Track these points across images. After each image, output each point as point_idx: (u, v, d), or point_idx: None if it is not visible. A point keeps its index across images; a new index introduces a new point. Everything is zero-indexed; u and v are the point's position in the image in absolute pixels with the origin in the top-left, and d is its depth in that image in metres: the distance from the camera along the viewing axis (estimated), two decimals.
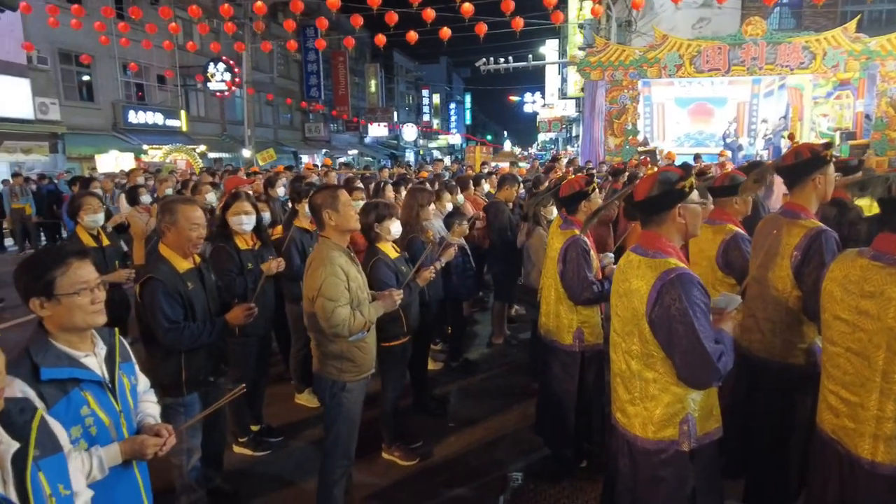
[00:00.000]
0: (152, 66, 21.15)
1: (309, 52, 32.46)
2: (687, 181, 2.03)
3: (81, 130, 18.10)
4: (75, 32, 14.54)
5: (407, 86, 51.39)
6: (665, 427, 2.06)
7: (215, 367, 3.05)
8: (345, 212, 2.75)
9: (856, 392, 1.90)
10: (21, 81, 15.80)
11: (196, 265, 2.96)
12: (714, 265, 3.21)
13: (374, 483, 3.55)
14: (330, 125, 36.79)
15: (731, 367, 1.98)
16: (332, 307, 2.62)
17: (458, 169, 13.49)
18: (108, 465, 1.82)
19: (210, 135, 25.49)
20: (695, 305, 1.92)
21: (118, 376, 1.95)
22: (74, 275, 1.79)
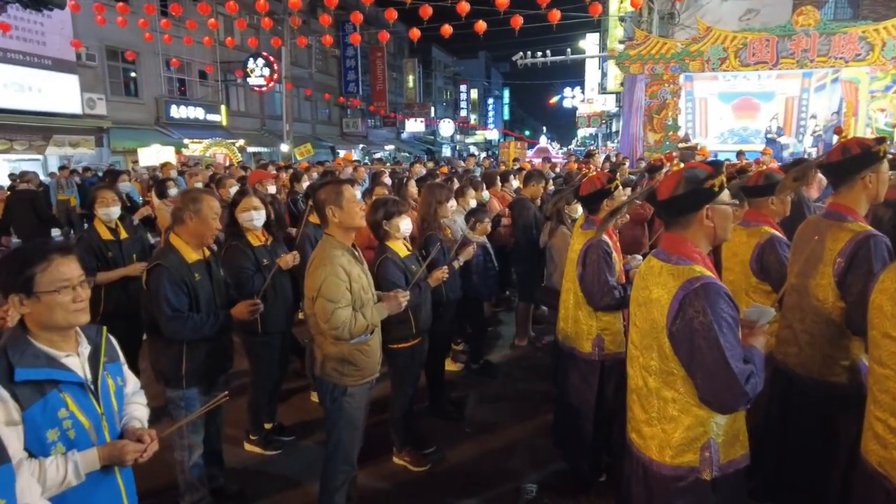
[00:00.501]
0: (194, 61, 21.63)
1: (347, 48, 32.67)
2: (717, 179, 1.82)
3: (126, 125, 18.65)
4: (121, 30, 14.91)
5: (445, 81, 51.24)
6: (684, 452, 1.86)
7: (219, 362, 3.00)
8: (349, 208, 2.63)
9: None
10: (70, 78, 16.37)
11: (205, 258, 2.92)
12: (748, 271, 2.96)
13: (381, 488, 3.44)
14: (367, 120, 37.01)
15: (760, 388, 1.76)
16: (332, 308, 2.50)
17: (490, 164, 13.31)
18: (85, 470, 1.74)
19: (249, 129, 25.95)
20: (721, 319, 1.71)
21: (102, 377, 1.87)
22: (56, 272, 1.72)
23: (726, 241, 1.97)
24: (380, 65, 35.64)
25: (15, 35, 14.07)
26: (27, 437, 1.67)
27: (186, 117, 21.55)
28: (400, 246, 3.46)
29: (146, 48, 18.45)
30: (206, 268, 2.89)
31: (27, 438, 1.67)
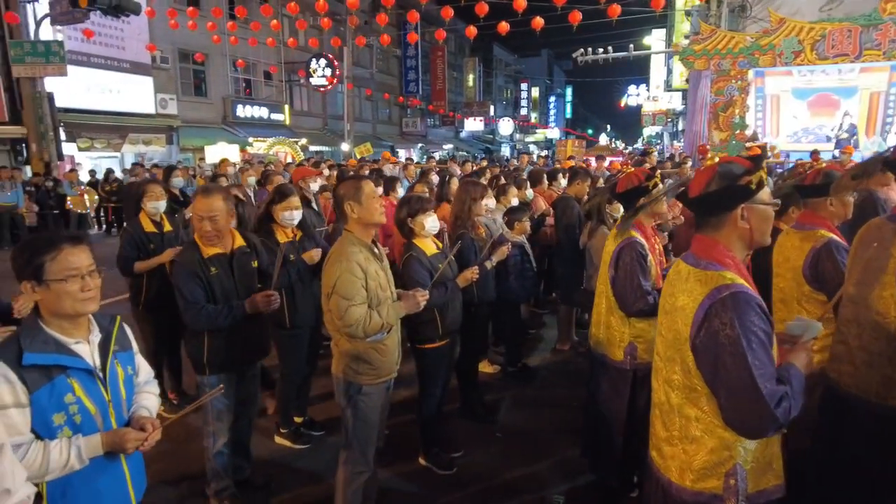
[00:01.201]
0: (259, 62, 22.42)
1: (408, 48, 33.04)
2: (754, 175, 1.63)
3: (194, 124, 19.57)
4: (192, 33, 15.67)
5: (505, 79, 50.88)
6: (707, 477, 1.69)
7: (245, 353, 3.03)
8: (368, 204, 2.59)
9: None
10: (145, 80, 17.34)
11: (230, 252, 2.95)
12: (800, 278, 2.70)
13: (403, 489, 3.39)
14: (427, 120, 37.28)
15: (796, 413, 1.56)
16: (346, 306, 2.46)
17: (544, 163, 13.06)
18: (88, 455, 1.77)
19: (312, 128, 26.66)
20: (750, 333, 1.53)
21: (111, 365, 1.90)
22: (65, 261, 1.76)
23: (764, 245, 1.77)
24: (440, 64, 35.80)
25: (98, 41, 15.03)
26: (34, 419, 1.71)
27: (251, 116, 22.38)
28: (427, 244, 3.38)
29: (215, 50, 19.28)
30: (228, 261, 2.93)
31: (34, 421, 1.71)
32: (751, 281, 1.68)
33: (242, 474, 3.27)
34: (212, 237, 2.90)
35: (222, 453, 3.02)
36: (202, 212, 2.85)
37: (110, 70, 16.13)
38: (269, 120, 23.31)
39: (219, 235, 2.92)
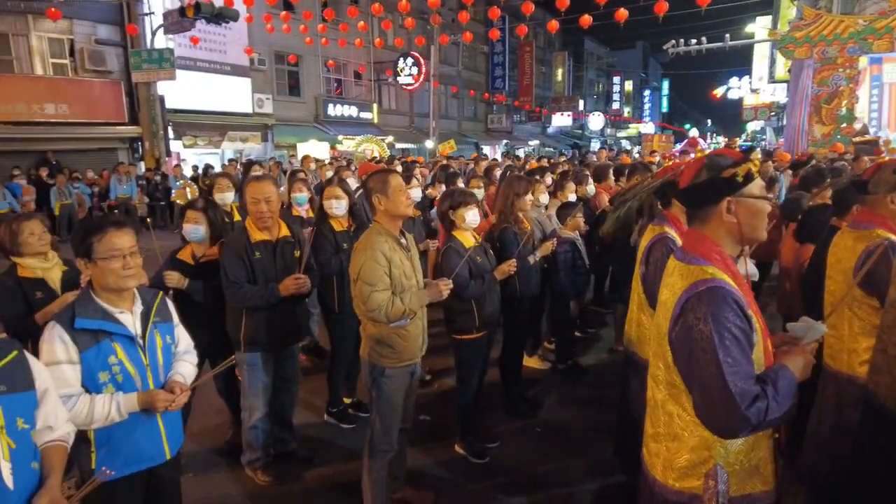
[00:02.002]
0: (350, 62, 23.32)
1: (495, 44, 33.03)
2: (741, 167, 1.58)
3: (288, 122, 20.74)
4: (286, 36, 16.64)
5: (597, 73, 49.43)
6: (688, 476, 1.65)
7: (283, 333, 3.26)
8: (395, 197, 2.70)
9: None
10: (244, 81, 18.63)
11: (276, 239, 3.19)
12: (851, 281, 2.51)
13: (436, 473, 3.50)
14: (513, 116, 37.08)
15: (774, 416, 1.49)
16: (369, 291, 2.60)
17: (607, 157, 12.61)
18: (126, 410, 2.03)
19: (399, 126, 27.37)
20: (723, 329, 1.48)
21: (150, 333, 2.16)
22: (109, 242, 2.02)
23: (758, 240, 1.69)
24: (528, 59, 35.44)
25: (203, 46, 16.35)
26: (84, 375, 2.00)
27: (341, 115, 23.35)
28: (466, 237, 3.47)
29: (308, 51, 20.31)
30: (272, 248, 3.16)
31: (84, 377, 2.00)
32: (740, 278, 1.62)
33: (286, 446, 3.52)
34: (266, 219, 3.15)
35: (256, 427, 3.27)
36: (258, 195, 3.11)
37: (213, 73, 17.50)
38: (358, 118, 24.21)
39: (272, 217, 3.17)
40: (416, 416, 4.23)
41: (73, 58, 14.96)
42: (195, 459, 3.70)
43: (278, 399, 3.35)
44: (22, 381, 1.60)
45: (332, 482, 3.41)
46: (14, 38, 14.31)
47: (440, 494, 3.29)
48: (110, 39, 15.26)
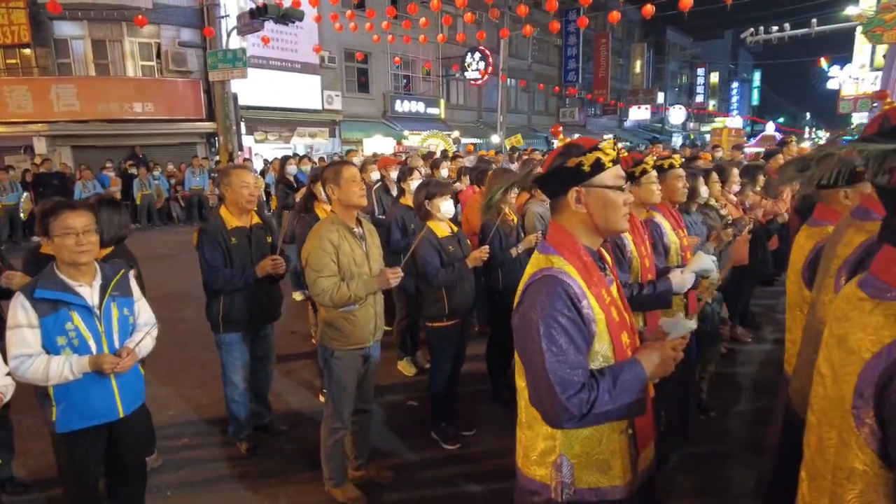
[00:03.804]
0: (418, 59, 23.68)
1: (569, 36, 32.35)
2: (587, 157, 1.58)
3: (355, 118, 21.43)
4: (354, 34, 17.16)
5: (679, 64, 47.13)
6: (539, 465, 1.67)
7: (258, 315, 3.50)
8: (346, 187, 2.84)
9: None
10: (314, 78, 19.45)
11: (249, 225, 3.44)
12: (801, 281, 2.38)
13: (403, 455, 3.62)
14: (586, 109, 36.19)
15: (606, 410, 1.47)
16: (314, 277, 2.76)
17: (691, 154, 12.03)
18: (78, 370, 2.30)
19: (465, 121, 27.50)
20: (550, 318, 1.49)
21: (107, 305, 2.43)
22: (63, 221, 2.31)
23: (617, 232, 1.67)
24: (604, 51, 34.44)
25: (274, 46, 17.23)
26: (43, 338, 2.29)
27: (409, 111, 23.81)
28: (440, 227, 3.55)
29: (376, 49, 20.85)
30: (248, 234, 3.41)
31: (44, 340, 2.29)
32: (592, 270, 1.61)
33: (262, 420, 3.78)
34: (251, 202, 3.42)
35: (237, 402, 3.54)
36: (247, 181, 3.38)
37: (284, 71, 18.41)
38: (425, 114, 24.57)
39: (252, 203, 3.43)
40: (405, 401, 4.44)
41: (159, 60, 16.28)
42: (196, 427, 4.06)
43: (254, 377, 3.60)
44: None
45: (305, 453, 3.61)
46: (110, 43, 15.80)
47: (402, 475, 3.40)
48: (191, 42, 16.47)
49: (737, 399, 4.22)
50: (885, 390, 1.06)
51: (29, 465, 3.50)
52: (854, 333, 1.19)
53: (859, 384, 1.12)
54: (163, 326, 6.34)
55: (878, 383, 1.07)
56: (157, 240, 12.30)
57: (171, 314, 6.50)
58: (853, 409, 1.13)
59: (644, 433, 1.70)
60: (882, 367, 1.07)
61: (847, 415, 1.15)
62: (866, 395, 1.10)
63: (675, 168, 3.10)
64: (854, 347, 1.17)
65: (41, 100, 14.85)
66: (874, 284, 1.20)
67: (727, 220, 4.49)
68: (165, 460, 3.59)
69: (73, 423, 2.40)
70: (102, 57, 15.75)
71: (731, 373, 4.75)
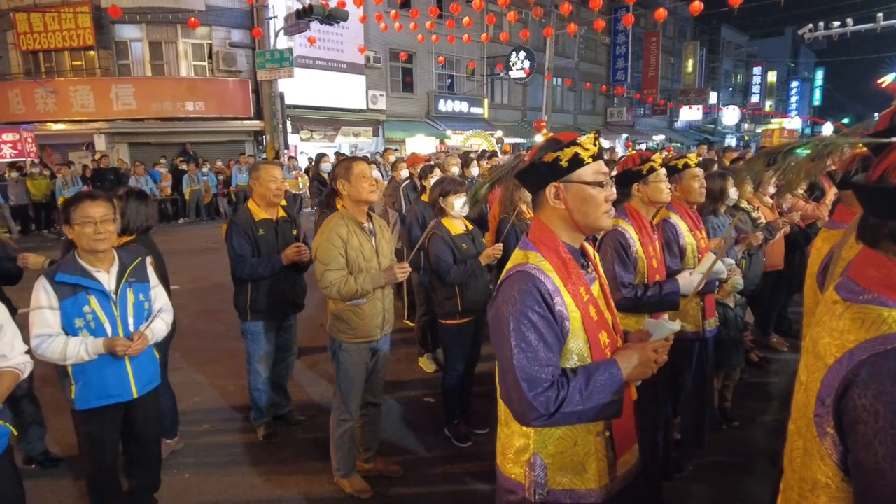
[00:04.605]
0: (462, 58, 23.70)
1: (618, 35, 31.72)
2: (564, 151, 1.55)
3: (399, 117, 21.65)
4: (399, 34, 17.35)
5: (734, 63, 45.41)
6: (514, 463, 1.65)
7: (283, 303, 3.60)
8: (356, 183, 2.89)
9: None
10: (359, 78, 19.76)
11: (276, 218, 3.55)
12: (815, 285, 2.27)
13: (414, 450, 3.65)
14: (635, 109, 35.39)
15: (577, 410, 1.44)
16: (322, 270, 2.82)
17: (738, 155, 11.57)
18: (93, 352, 2.43)
19: (509, 121, 27.35)
20: (520, 314, 1.47)
21: (123, 290, 2.56)
22: (83, 211, 2.44)
23: (597, 229, 1.63)
24: (654, 50, 33.58)
25: (320, 46, 17.60)
26: (63, 320, 2.43)
27: (452, 110, 23.86)
28: (454, 224, 3.56)
29: (420, 48, 21.02)
30: (274, 226, 3.51)
31: (63, 321, 2.43)
32: (571, 267, 1.58)
33: (281, 410, 3.88)
34: (278, 196, 3.56)
35: (259, 389, 3.65)
36: (273, 176, 3.52)
37: (330, 71, 18.78)
38: (468, 113, 24.57)
39: (279, 196, 3.56)
40: (422, 397, 4.46)
41: (211, 60, 16.91)
42: (219, 414, 4.21)
43: (275, 367, 3.71)
44: None
45: (319, 444, 3.67)
46: (165, 45, 16.53)
47: (411, 470, 3.43)
48: (241, 42, 17.02)
49: (763, 409, 4.04)
50: (842, 398, 1.01)
51: (63, 441, 3.71)
52: (823, 338, 1.14)
53: (821, 391, 1.07)
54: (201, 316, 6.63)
55: (837, 390, 1.02)
56: (203, 234, 12.79)
57: (210, 304, 6.76)
58: (815, 416, 1.08)
59: (623, 437, 1.66)
60: (843, 373, 1.02)
61: (811, 423, 1.10)
62: (827, 402, 1.05)
63: (691, 168, 3.00)
64: (821, 352, 1.12)
65: (102, 99, 15.69)
66: (848, 287, 1.15)
67: (760, 223, 4.32)
68: (187, 444, 3.73)
69: (89, 401, 2.53)
70: (158, 58, 16.49)
71: (761, 382, 4.56)
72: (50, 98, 15.80)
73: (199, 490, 3.29)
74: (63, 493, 3.27)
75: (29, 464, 3.47)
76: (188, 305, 6.76)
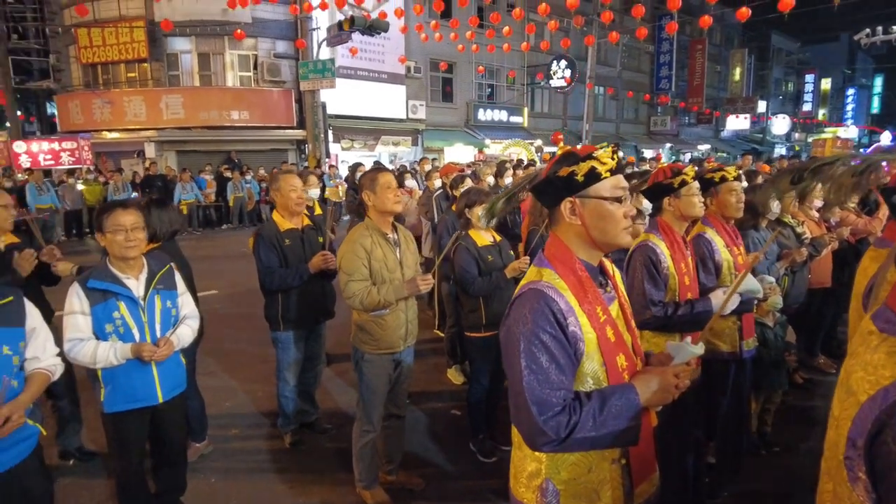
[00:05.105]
0: (503, 67, 23.68)
1: (662, 43, 31.12)
2: (580, 166, 1.49)
3: (438, 127, 21.76)
4: (439, 44, 17.49)
5: (785, 71, 43.87)
6: (526, 487, 1.60)
7: (313, 313, 3.64)
8: (381, 194, 2.88)
9: None
10: (399, 88, 19.98)
11: (301, 227, 3.58)
12: (860, 307, 2.13)
13: (439, 463, 3.61)
14: (679, 118, 34.59)
15: (590, 436, 1.38)
16: (346, 280, 2.82)
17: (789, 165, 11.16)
18: (122, 356, 2.49)
19: (549, 130, 27.09)
20: (532, 334, 1.41)
21: (151, 296, 2.62)
22: (115, 219, 2.51)
23: (617, 246, 1.56)
24: (700, 58, 32.78)
25: (362, 56, 17.90)
26: (94, 325, 2.50)
27: (491, 119, 23.83)
28: (481, 235, 3.52)
29: (461, 58, 21.09)
30: (300, 235, 3.54)
31: (94, 326, 2.50)
32: (588, 286, 1.52)
33: (308, 418, 3.90)
34: (300, 205, 3.59)
35: (287, 397, 3.68)
36: (293, 185, 3.55)
37: (371, 81, 19.04)
38: (507, 122, 24.50)
39: (301, 205, 3.59)
40: (448, 409, 4.42)
41: (256, 70, 17.40)
42: (248, 419, 4.26)
43: (303, 375, 3.73)
44: (14, 319, 2.09)
45: (344, 453, 3.65)
46: (213, 56, 17.11)
47: (433, 483, 3.39)
48: (285, 53, 17.46)
49: (807, 435, 3.82)
50: (875, 440, 0.92)
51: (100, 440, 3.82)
52: (856, 372, 1.05)
53: (852, 431, 0.98)
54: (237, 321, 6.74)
55: (870, 431, 0.93)
56: (244, 239, 12.97)
57: (248, 310, 6.88)
58: (846, 459, 0.99)
59: (641, 465, 1.58)
60: (876, 412, 0.93)
61: (841, 466, 1.01)
62: (859, 444, 0.96)
63: (729, 181, 2.87)
64: (854, 388, 1.03)
65: (152, 109, 16.36)
66: (885, 317, 1.06)
67: (805, 239, 4.12)
68: (215, 448, 3.79)
69: (117, 404, 2.59)
70: (206, 68, 17.08)
71: (805, 406, 4.33)
72: (105, 108, 16.57)
73: (224, 494, 3.33)
74: (96, 489, 3.37)
75: (65, 458, 3.60)
76: (225, 310, 6.91)
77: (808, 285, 4.25)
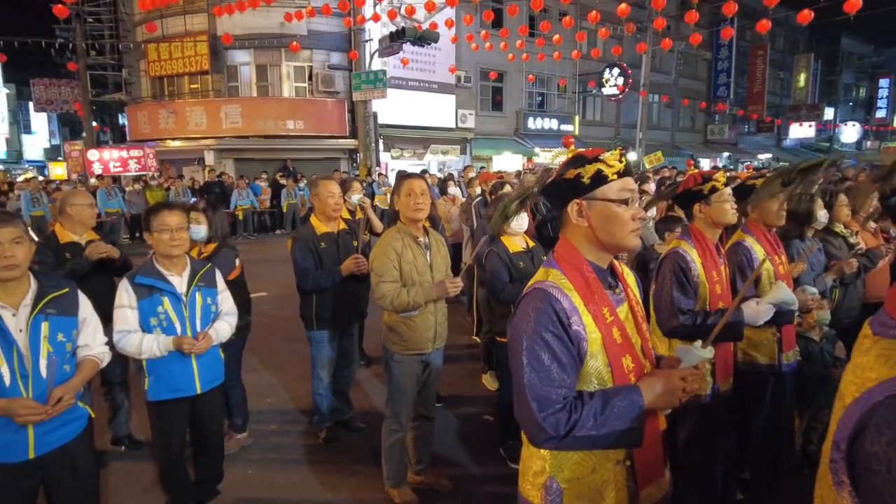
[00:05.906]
0: (554, 76, 23.53)
1: (720, 49, 30.17)
2: (586, 168, 1.50)
3: (487, 135, 21.81)
4: (490, 53, 17.60)
5: (856, 76, 41.60)
6: (532, 486, 1.62)
7: (347, 313, 3.75)
8: (404, 201, 2.95)
9: None
10: (449, 98, 20.18)
11: (337, 231, 3.70)
12: None
13: (468, 466, 3.64)
14: (738, 126, 33.36)
15: (590, 435, 1.38)
16: (377, 281, 2.90)
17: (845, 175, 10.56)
18: (164, 349, 2.66)
19: (600, 138, 26.70)
20: (534, 332, 1.44)
21: (192, 293, 2.78)
22: (161, 219, 2.69)
23: (625, 248, 1.55)
24: (760, 64, 31.57)
25: (413, 67, 18.19)
26: (140, 318, 2.67)
27: (541, 128, 23.69)
28: (512, 241, 3.54)
29: (511, 67, 21.12)
30: (336, 238, 3.66)
31: (140, 319, 2.68)
32: (595, 286, 1.53)
33: (343, 416, 3.99)
34: (337, 210, 3.72)
35: (321, 395, 3.80)
36: (331, 192, 3.68)
37: (421, 91, 19.33)
38: (557, 131, 24.26)
39: (337, 211, 3.72)
40: (481, 414, 4.43)
41: (310, 81, 17.99)
42: (287, 416, 4.41)
43: (337, 374, 3.84)
44: (69, 309, 2.27)
45: (375, 452, 3.73)
46: (270, 68, 17.82)
47: (461, 486, 3.41)
48: (339, 64, 17.98)
49: None
50: (855, 443, 0.90)
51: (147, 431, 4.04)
52: (846, 375, 1.03)
53: (837, 434, 0.97)
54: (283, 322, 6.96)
55: (850, 434, 0.92)
56: None
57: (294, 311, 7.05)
58: (830, 462, 0.97)
59: (647, 468, 1.56)
60: (858, 414, 0.92)
61: (827, 470, 0.99)
62: (842, 447, 0.94)
63: None
64: (842, 391, 1.01)
65: (213, 118, 17.18)
66: (882, 321, 1.04)
67: (858, 250, 3.92)
68: (254, 441, 3.95)
69: (160, 393, 2.76)
70: (263, 80, 17.81)
71: None
72: (170, 118, 17.53)
73: (259, 485, 3.46)
74: (143, 475, 3.57)
75: (117, 444, 3.84)
76: (273, 311, 7.17)
77: (862, 299, 4.03)
